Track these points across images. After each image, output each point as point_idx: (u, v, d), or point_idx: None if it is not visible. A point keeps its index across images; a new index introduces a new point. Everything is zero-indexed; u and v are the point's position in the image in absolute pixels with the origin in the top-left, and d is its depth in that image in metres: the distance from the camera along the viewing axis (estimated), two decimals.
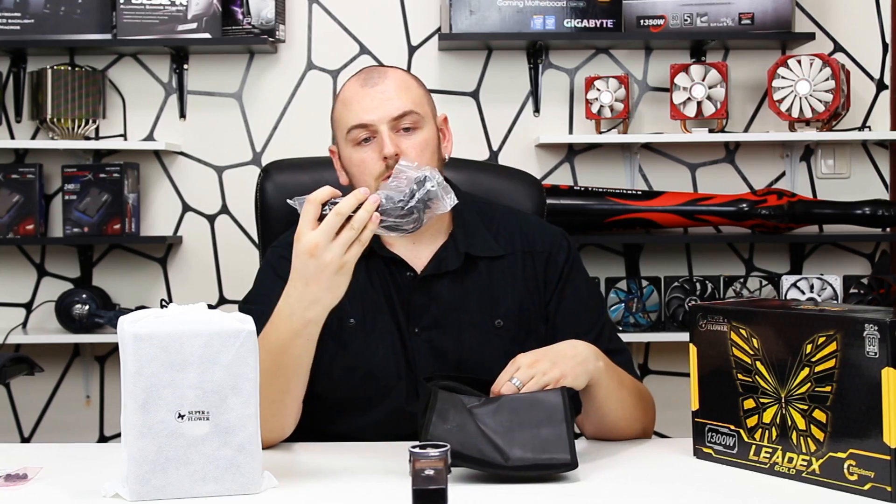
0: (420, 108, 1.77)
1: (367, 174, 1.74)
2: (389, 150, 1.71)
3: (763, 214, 3.41)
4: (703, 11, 3.45)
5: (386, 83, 1.76)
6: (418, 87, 1.81)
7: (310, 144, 3.54)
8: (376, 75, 1.78)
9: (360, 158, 1.75)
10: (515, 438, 1.44)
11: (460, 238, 1.81)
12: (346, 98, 1.78)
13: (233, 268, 3.51)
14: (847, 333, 1.33)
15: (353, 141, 1.76)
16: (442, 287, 1.79)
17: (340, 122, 1.79)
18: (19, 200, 3.44)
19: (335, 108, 1.82)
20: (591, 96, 3.46)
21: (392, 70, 1.81)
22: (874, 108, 3.63)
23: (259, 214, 2.13)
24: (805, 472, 1.40)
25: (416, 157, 1.71)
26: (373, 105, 1.74)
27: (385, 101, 1.74)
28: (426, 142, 1.76)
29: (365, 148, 1.75)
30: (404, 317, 1.78)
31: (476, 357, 1.77)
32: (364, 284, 1.79)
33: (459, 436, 1.44)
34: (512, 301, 1.81)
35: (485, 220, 1.86)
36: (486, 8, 3.41)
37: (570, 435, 1.45)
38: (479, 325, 1.79)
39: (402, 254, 1.80)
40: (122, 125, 3.57)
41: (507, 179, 2.14)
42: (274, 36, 3.45)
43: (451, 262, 1.79)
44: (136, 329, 1.35)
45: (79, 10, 3.46)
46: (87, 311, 3.38)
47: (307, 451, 1.64)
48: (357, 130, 1.75)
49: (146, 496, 1.34)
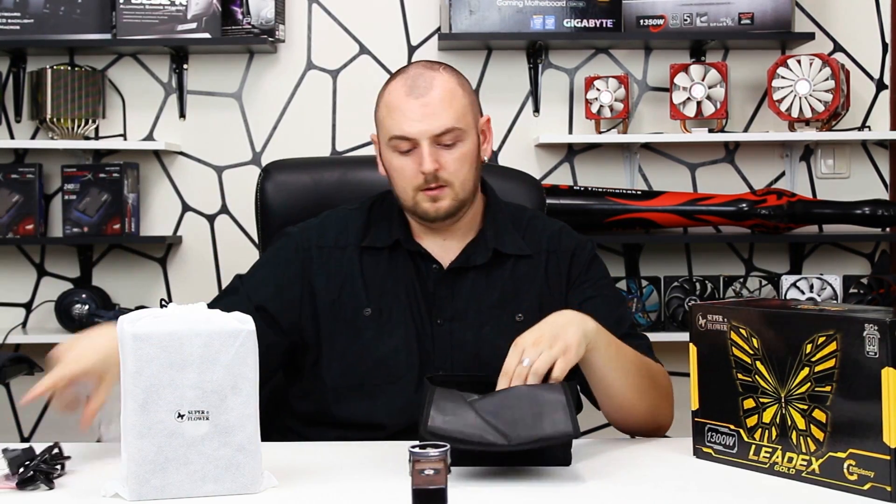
0: (462, 122, 1.77)
1: (405, 182, 1.78)
2: (429, 167, 1.74)
3: (763, 214, 3.41)
4: (702, 11, 3.45)
5: (431, 94, 1.75)
6: (463, 95, 1.80)
7: (310, 144, 3.55)
8: (422, 83, 1.76)
9: (401, 166, 1.78)
10: (518, 423, 1.44)
11: (490, 235, 1.85)
12: (390, 103, 1.78)
13: (232, 268, 3.48)
14: (847, 333, 1.33)
15: (393, 147, 1.78)
16: (467, 281, 1.83)
17: (383, 125, 1.80)
18: (19, 200, 3.44)
19: (379, 106, 1.82)
20: (590, 96, 3.46)
21: (438, 76, 1.78)
22: (874, 107, 3.63)
23: (259, 214, 2.13)
24: (805, 471, 1.40)
25: (455, 171, 1.77)
26: (416, 118, 1.75)
27: (428, 116, 1.75)
28: (465, 156, 1.78)
29: (406, 157, 1.77)
30: (426, 308, 1.82)
31: (494, 350, 1.78)
32: (384, 275, 1.83)
33: (459, 424, 1.44)
34: (533, 297, 1.84)
35: (514, 222, 1.89)
36: (486, 8, 3.41)
37: (573, 413, 1.46)
38: (499, 320, 1.82)
39: (430, 248, 1.84)
40: (122, 125, 3.57)
41: (506, 180, 2.14)
42: (274, 36, 3.45)
43: (479, 257, 1.84)
44: (135, 329, 1.35)
45: (78, 10, 3.46)
46: (87, 311, 3.38)
47: (307, 451, 1.64)
48: (398, 141, 1.77)
49: (146, 496, 1.34)
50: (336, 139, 3.57)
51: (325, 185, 2.13)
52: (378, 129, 1.84)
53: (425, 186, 1.76)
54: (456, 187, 1.78)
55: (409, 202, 1.80)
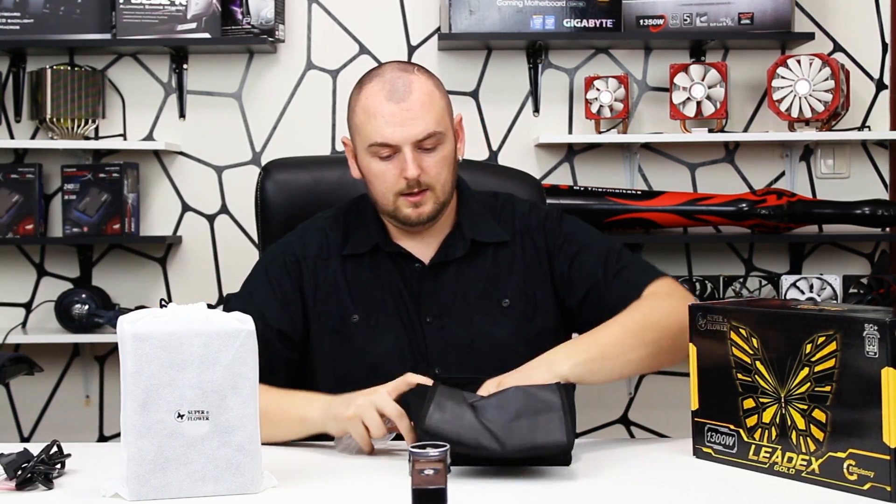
0: (442, 125, 1.77)
1: (385, 188, 1.78)
2: (413, 173, 1.74)
3: (763, 214, 3.41)
4: (702, 11, 3.45)
5: (412, 99, 1.75)
6: (440, 97, 1.80)
7: (309, 144, 3.55)
8: (401, 87, 1.75)
9: (381, 171, 1.78)
10: (514, 429, 1.44)
11: (466, 226, 1.86)
12: (369, 108, 1.77)
13: (232, 268, 3.50)
14: (847, 333, 1.33)
15: (373, 153, 1.77)
16: (449, 274, 1.84)
17: (362, 131, 1.78)
18: (19, 200, 3.44)
19: (355, 111, 1.80)
20: (590, 96, 3.46)
21: (416, 78, 1.78)
22: (874, 107, 3.63)
23: (259, 213, 2.13)
24: (805, 471, 1.40)
25: (436, 174, 1.77)
26: (397, 124, 1.74)
27: (409, 121, 1.74)
28: (445, 158, 1.79)
29: (386, 162, 1.77)
30: (414, 307, 1.82)
31: (486, 339, 1.81)
32: (369, 281, 1.83)
33: (456, 425, 1.45)
34: (517, 281, 1.85)
35: (488, 209, 1.90)
36: (486, 8, 3.41)
37: (568, 421, 1.45)
38: (487, 308, 1.83)
39: (410, 247, 1.84)
40: (122, 125, 3.57)
41: (505, 179, 2.15)
42: (273, 36, 3.45)
43: (458, 250, 1.84)
44: (135, 329, 1.35)
45: (78, 10, 3.46)
46: (87, 311, 3.38)
47: (307, 451, 1.64)
48: (379, 147, 1.76)
49: (146, 496, 1.34)
50: (336, 139, 3.57)
51: (326, 184, 2.13)
52: (354, 133, 1.82)
53: (407, 191, 1.76)
54: (437, 191, 1.78)
55: (389, 207, 1.79)
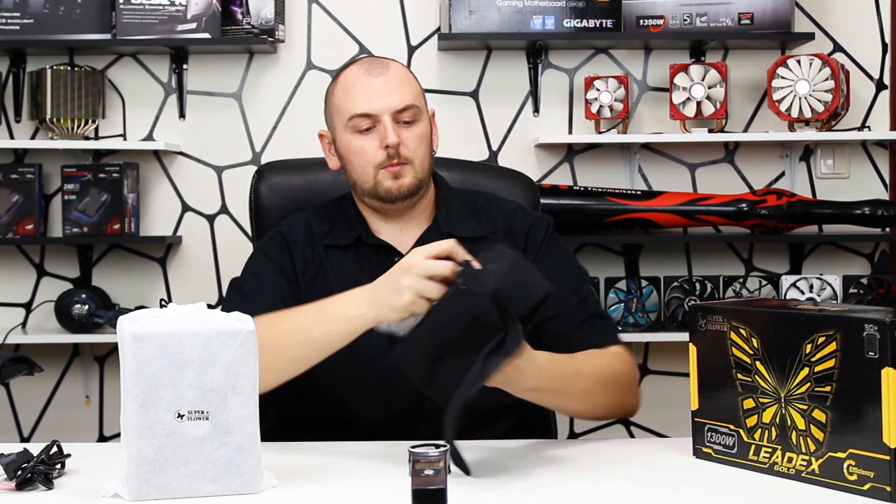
0: (418, 102, 1.83)
1: (366, 162, 1.80)
2: (393, 139, 1.77)
3: (762, 214, 3.41)
4: (702, 11, 3.45)
5: (389, 74, 1.81)
6: (415, 81, 1.87)
7: (309, 144, 3.50)
8: (378, 65, 1.82)
9: (360, 146, 1.80)
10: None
11: (443, 221, 1.87)
12: (348, 85, 1.82)
13: (232, 268, 3.50)
14: (847, 333, 1.33)
15: (353, 128, 1.80)
16: None
17: (341, 108, 1.82)
18: (19, 200, 3.44)
19: (333, 93, 1.86)
20: (590, 96, 3.46)
21: (392, 62, 1.86)
22: (873, 108, 3.63)
23: (253, 216, 2.13)
24: (804, 471, 1.40)
25: (415, 148, 1.79)
26: (376, 95, 1.79)
27: (388, 93, 1.79)
28: (423, 135, 1.82)
29: (366, 136, 1.80)
30: None
31: None
32: (352, 274, 1.83)
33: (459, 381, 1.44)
34: None
35: (468, 206, 1.91)
36: (486, 8, 3.41)
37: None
38: None
39: (390, 240, 1.86)
40: (122, 125, 3.57)
41: (501, 179, 2.16)
42: (273, 36, 3.45)
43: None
44: (135, 329, 1.35)
45: (78, 10, 3.46)
46: (87, 311, 3.38)
47: (307, 451, 1.64)
48: (359, 119, 1.79)
49: (146, 496, 1.34)
50: None
51: (319, 187, 2.13)
52: (331, 117, 1.86)
53: (387, 163, 1.78)
54: (416, 165, 1.80)
55: (370, 183, 1.80)
